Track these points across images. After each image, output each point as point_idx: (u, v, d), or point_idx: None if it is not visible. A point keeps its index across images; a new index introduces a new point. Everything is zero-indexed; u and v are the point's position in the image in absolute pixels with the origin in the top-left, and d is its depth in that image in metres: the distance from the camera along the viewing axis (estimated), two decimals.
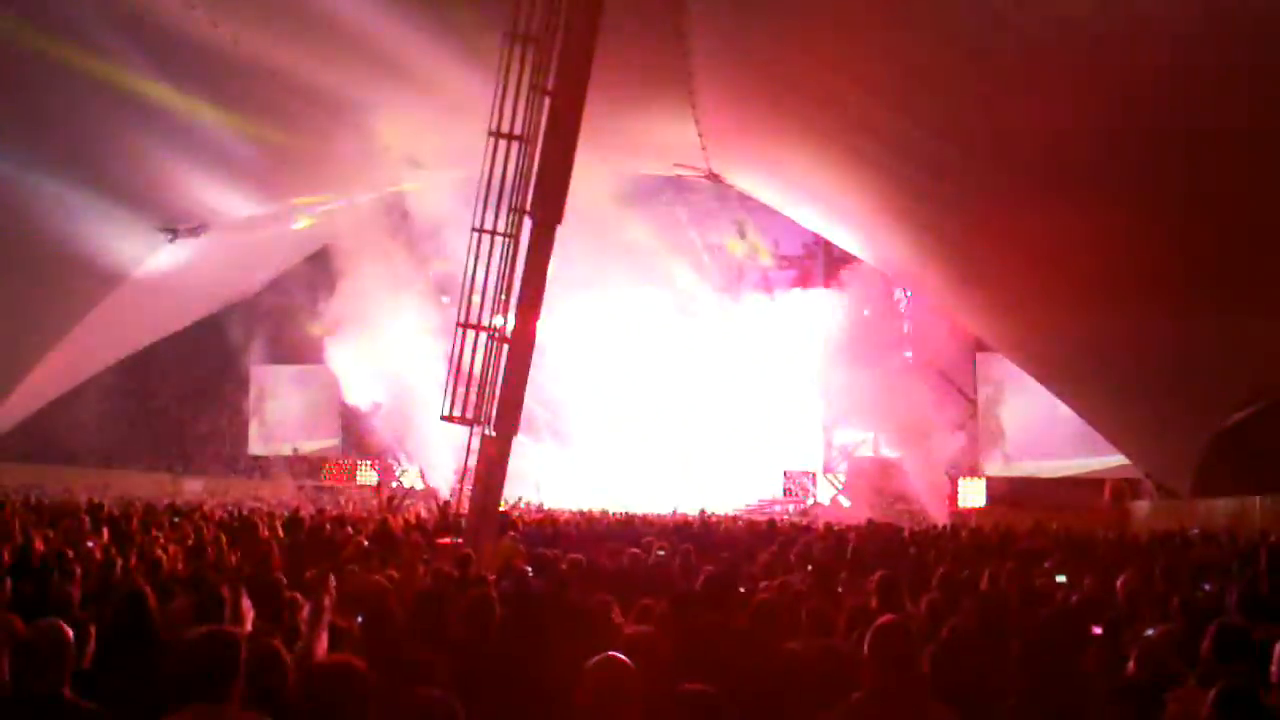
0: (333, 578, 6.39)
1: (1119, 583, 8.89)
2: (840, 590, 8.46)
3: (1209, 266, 15.16)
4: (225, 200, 26.18)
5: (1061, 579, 9.87)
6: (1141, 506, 23.80)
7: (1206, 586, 9.49)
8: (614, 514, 22.68)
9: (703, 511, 23.45)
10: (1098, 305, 17.93)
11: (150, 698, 4.18)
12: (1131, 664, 5.79)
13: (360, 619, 5.87)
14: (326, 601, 5.76)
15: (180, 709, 3.77)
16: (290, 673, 4.56)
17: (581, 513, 23.30)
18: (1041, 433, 30.00)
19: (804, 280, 33.87)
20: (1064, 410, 25.87)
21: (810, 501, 33.33)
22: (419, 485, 35.44)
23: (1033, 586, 8.90)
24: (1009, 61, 13.94)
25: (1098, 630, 6.64)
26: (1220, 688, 4.30)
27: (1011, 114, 15.14)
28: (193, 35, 19.30)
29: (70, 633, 4.35)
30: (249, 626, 6.08)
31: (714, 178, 28.45)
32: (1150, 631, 6.27)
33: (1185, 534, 16.72)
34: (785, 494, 33.87)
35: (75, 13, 18.70)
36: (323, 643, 5.57)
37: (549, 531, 16.80)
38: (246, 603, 6.30)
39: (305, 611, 5.81)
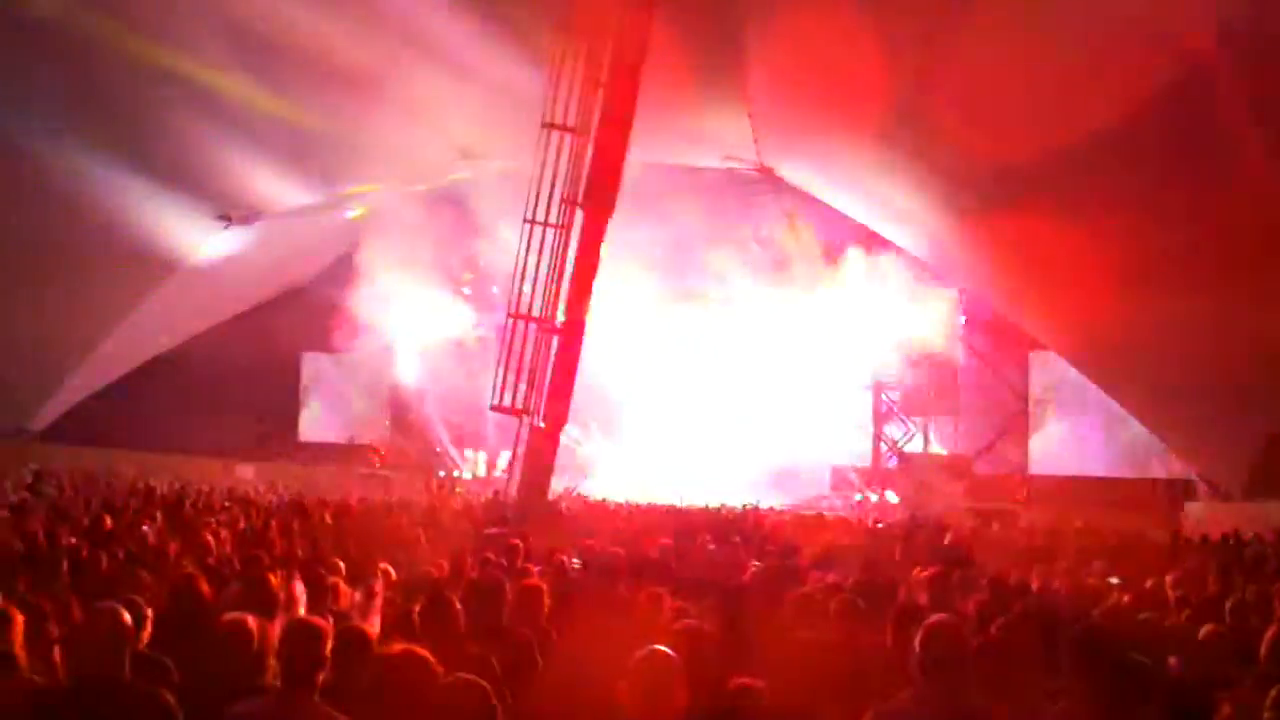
0: (387, 565, 6.44)
1: (1169, 582, 8.82)
2: (888, 587, 8.42)
3: (1268, 266, 14.94)
4: (279, 188, 26.37)
5: (1114, 580, 9.77)
6: (1195, 508, 23.48)
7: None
8: (663, 506, 22.66)
9: (753, 506, 23.38)
10: (1152, 304, 17.73)
11: (208, 680, 4.24)
12: (1177, 664, 5.74)
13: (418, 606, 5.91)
14: (377, 587, 5.80)
15: (258, 694, 3.83)
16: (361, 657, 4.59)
17: (630, 504, 23.31)
18: (1092, 432, 29.72)
19: (856, 273, 33.62)
20: (1116, 409, 25.63)
21: (858, 498, 33.17)
22: (468, 475, 35.63)
23: (1084, 586, 8.82)
24: (1069, 58, 13.81)
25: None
26: (1278, 691, 4.25)
27: (1069, 111, 14.99)
28: (248, 21, 19.45)
29: (128, 616, 4.41)
30: (301, 611, 6.15)
31: (765, 170, 28.36)
32: (1204, 633, 6.21)
33: (1239, 535, 16.48)
34: (833, 490, 33.69)
35: (133, 2, 18.91)
36: (375, 627, 5.61)
37: (598, 523, 16.82)
38: (299, 587, 6.36)
39: (357, 597, 5.86)
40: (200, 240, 27.07)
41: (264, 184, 25.87)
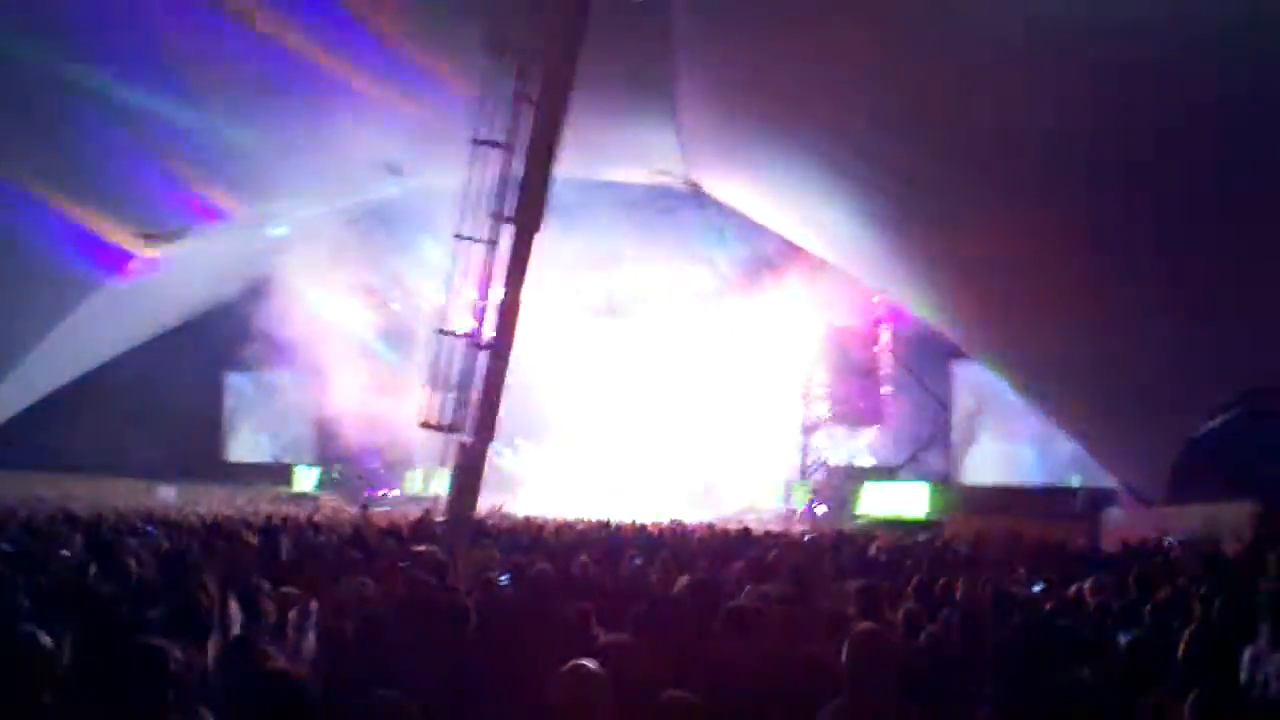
0: (316, 583, 6.40)
1: (1089, 589, 8.97)
2: (816, 599, 8.47)
3: (1181, 271, 15.25)
4: (202, 206, 26.07)
5: (1037, 587, 9.92)
6: (1115, 514, 23.87)
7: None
8: (591, 522, 22.63)
9: (677, 521, 23.42)
10: (1072, 311, 18.04)
11: (130, 707, 4.16)
12: (1098, 670, 5.84)
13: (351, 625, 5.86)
14: (313, 606, 5.76)
15: None
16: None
17: (558, 520, 23.24)
18: (1015, 442, 30.18)
19: (782, 287, 33.85)
20: (1038, 419, 26.04)
21: (784, 510, 33.32)
22: (395, 493, 35.38)
23: (1008, 595, 8.94)
24: (984, 67, 14.04)
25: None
26: (1197, 694, 4.34)
27: (983, 121, 15.26)
28: (172, 37, 19.23)
29: (47, 640, 4.33)
30: (236, 630, 6.08)
31: (693, 185, 28.50)
32: (1123, 638, 6.32)
33: (1160, 541, 16.79)
34: (761, 502, 33.82)
35: (51, 17, 18.61)
36: (310, 647, 5.57)
37: (525, 539, 16.75)
38: (234, 606, 6.29)
39: (292, 616, 5.81)
40: (121, 259, 26.67)
41: (188, 201, 25.55)
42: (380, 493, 35.19)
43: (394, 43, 19.54)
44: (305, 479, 37.67)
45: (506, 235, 14.62)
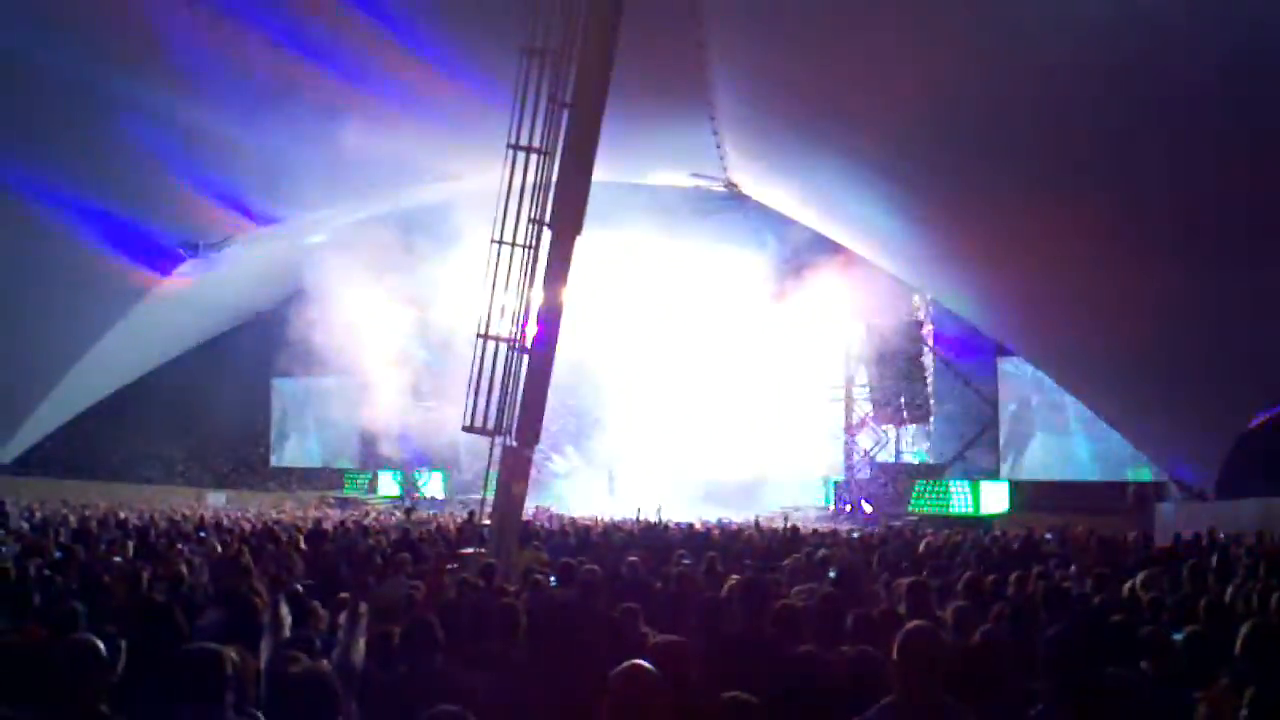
0: (367, 587, 6.43)
1: (1141, 584, 8.88)
2: (865, 597, 8.43)
3: (1231, 265, 15.10)
4: (248, 214, 26.33)
5: (1088, 583, 9.82)
6: (1167, 509, 23.64)
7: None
8: (639, 522, 22.65)
9: (725, 520, 23.40)
10: (1119, 307, 17.89)
11: (179, 711, 4.21)
12: (1152, 666, 5.78)
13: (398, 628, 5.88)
14: (363, 609, 5.78)
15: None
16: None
17: (605, 521, 23.28)
18: (1065, 438, 29.96)
19: (823, 286, 33.75)
20: (1087, 414, 25.83)
21: (830, 508, 33.25)
22: (438, 496, 35.56)
23: (1060, 590, 8.85)
24: (1026, 64, 13.95)
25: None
26: (1256, 688, 4.28)
27: (1025, 118, 15.15)
28: (214, 50, 19.44)
29: (103, 647, 4.37)
30: (287, 634, 6.13)
31: (732, 187, 28.46)
32: (1178, 635, 6.25)
33: (1212, 535, 16.61)
34: (807, 501, 33.77)
35: (94, 30, 18.86)
36: (361, 650, 5.59)
37: (573, 540, 16.79)
38: (285, 610, 6.34)
39: (342, 619, 5.83)
40: (167, 267, 26.97)
41: (233, 210, 25.81)
42: (424, 496, 35.38)
43: (430, 49, 19.64)
44: (352, 484, 38.02)
45: (545, 239, 14.63)
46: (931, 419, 33.92)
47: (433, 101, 21.97)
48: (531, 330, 14.64)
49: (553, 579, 9.51)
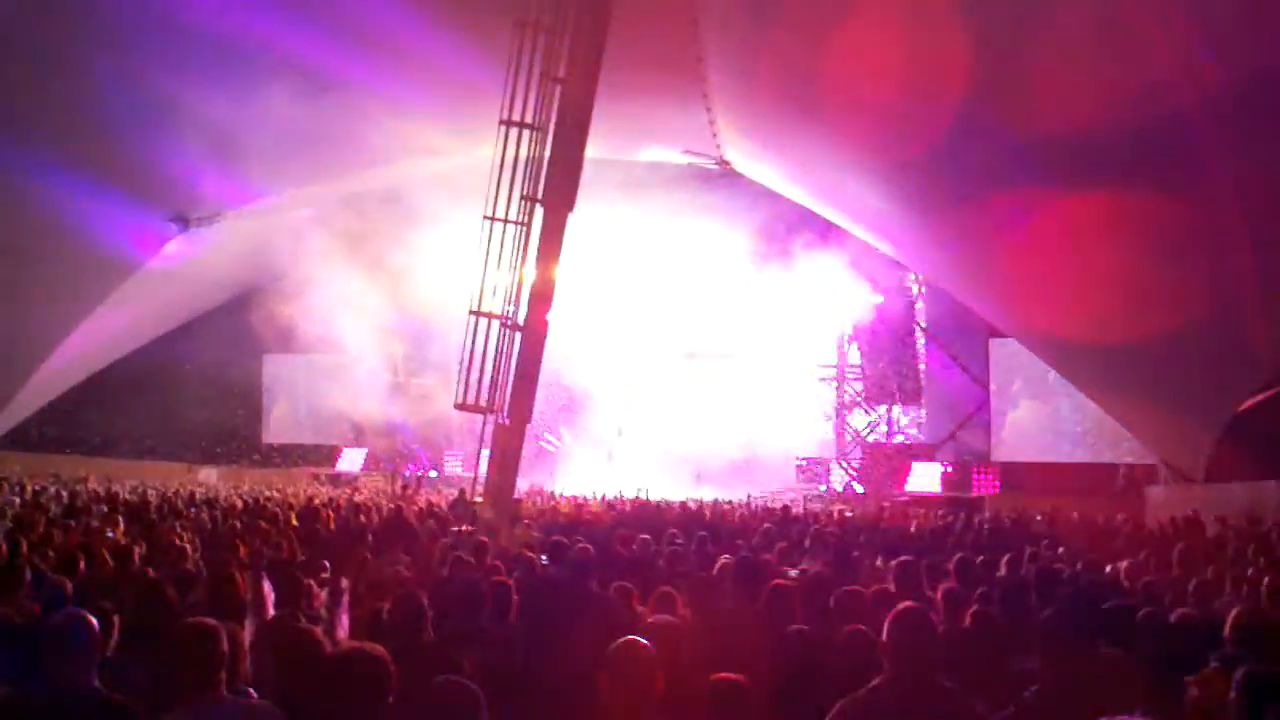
0: (355, 564, 6.43)
1: (1131, 566, 8.92)
2: (857, 577, 8.46)
3: (1223, 249, 15.11)
4: (237, 189, 26.19)
5: (1079, 564, 9.86)
6: (1156, 492, 23.70)
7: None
8: (630, 501, 22.68)
9: (715, 501, 23.43)
10: (1109, 290, 17.89)
11: (175, 686, 4.20)
12: (1144, 647, 5.80)
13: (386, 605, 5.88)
14: (344, 585, 5.78)
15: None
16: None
17: (597, 500, 23.31)
18: (1053, 419, 30.03)
19: (815, 266, 33.70)
20: (1078, 397, 25.87)
21: (823, 489, 33.28)
22: (434, 474, 35.54)
23: (1051, 571, 8.88)
24: (1019, 43, 13.91)
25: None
26: (1246, 671, 4.29)
27: (1016, 100, 15.12)
28: (203, 23, 19.31)
29: (95, 623, 4.36)
30: (270, 611, 6.12)
31: (725, 164, 28.38)
32: (1174, 616, 6.27)
33: (1200, 518, 16.66)
34: (798, 481, 33.79)
35: (86, 10, 18.73)
36: (344, 626, 5.59)
37: (564, 519, 16.81)
38: (267, 587, 6.34)
39: (324, 597, 5.84)
40: (159, 242, 26.87)
41: (223, 185, 25.68)
42: (419, 474, 35.33)
43: (420, 24, 19.50)
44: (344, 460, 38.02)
45: (537, 216, 14.60)
46: (923, 399, 33.96)
47: (424, 76, 21.83)
48: (523, 307, 14.63)
49: (544, 558, 9.51)
